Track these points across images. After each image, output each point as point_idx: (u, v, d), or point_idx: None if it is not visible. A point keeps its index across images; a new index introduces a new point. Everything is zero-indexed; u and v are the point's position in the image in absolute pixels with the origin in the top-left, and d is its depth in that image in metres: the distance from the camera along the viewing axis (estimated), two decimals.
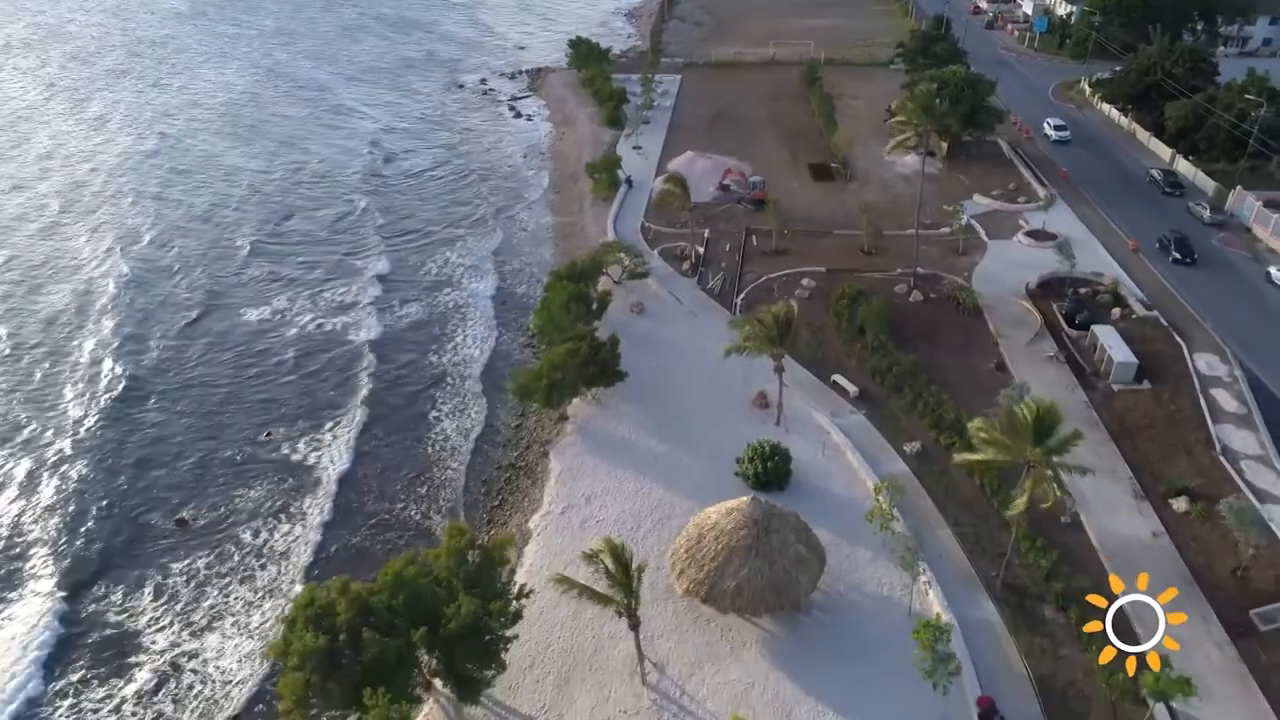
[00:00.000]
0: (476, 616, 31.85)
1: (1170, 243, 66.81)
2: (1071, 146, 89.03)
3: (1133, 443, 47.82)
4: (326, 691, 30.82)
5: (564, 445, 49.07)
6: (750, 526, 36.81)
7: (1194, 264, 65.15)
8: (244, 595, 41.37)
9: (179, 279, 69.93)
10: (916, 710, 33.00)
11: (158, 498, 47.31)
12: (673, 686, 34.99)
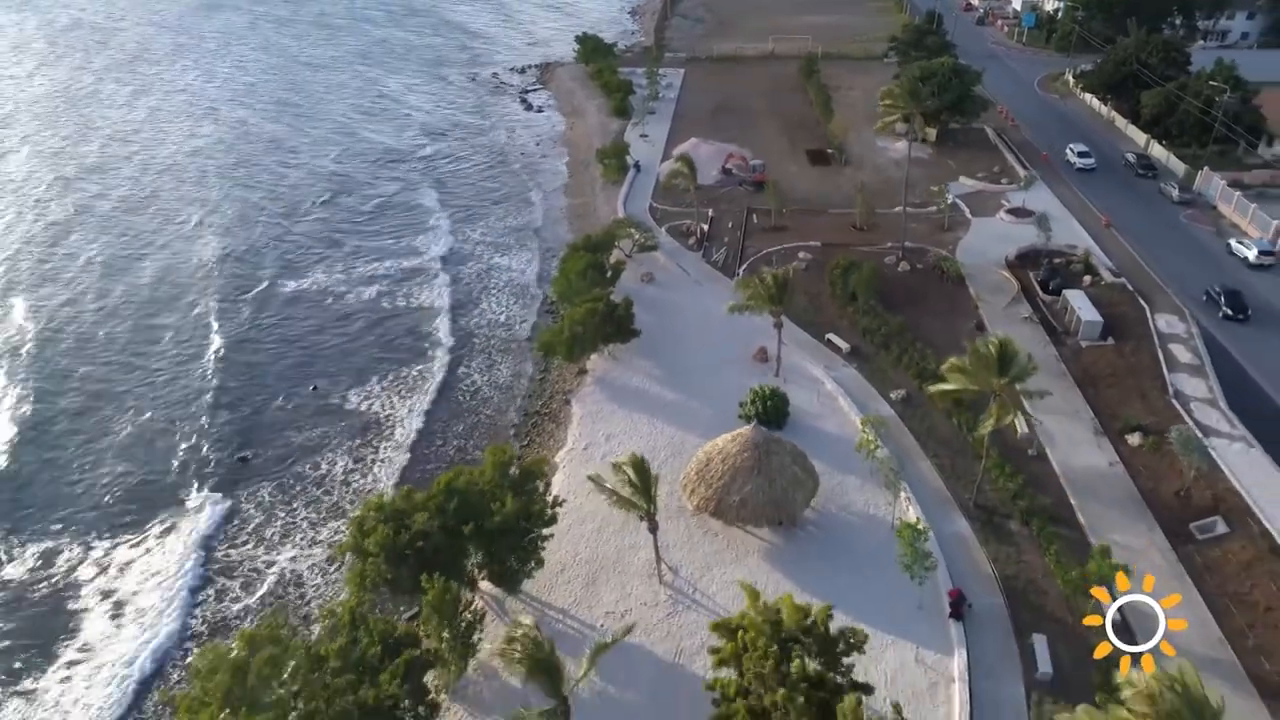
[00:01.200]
0: (518, 516, 37.29)
1: (1220, 296, 60.24)
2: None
3: (1095, 390, 53.20)
4: (392, 579, 36.23)
5: (584, 394, 54.52)
6: (752, 450, 42.22)
7: (1246, 321, 58.89)
8: (310, 516, 46.83)
9: (260, 245, 76.99)
10: (897, 599, 38.31)
11: (230, 436, 53.11)
12: (685, 585, 40.38)
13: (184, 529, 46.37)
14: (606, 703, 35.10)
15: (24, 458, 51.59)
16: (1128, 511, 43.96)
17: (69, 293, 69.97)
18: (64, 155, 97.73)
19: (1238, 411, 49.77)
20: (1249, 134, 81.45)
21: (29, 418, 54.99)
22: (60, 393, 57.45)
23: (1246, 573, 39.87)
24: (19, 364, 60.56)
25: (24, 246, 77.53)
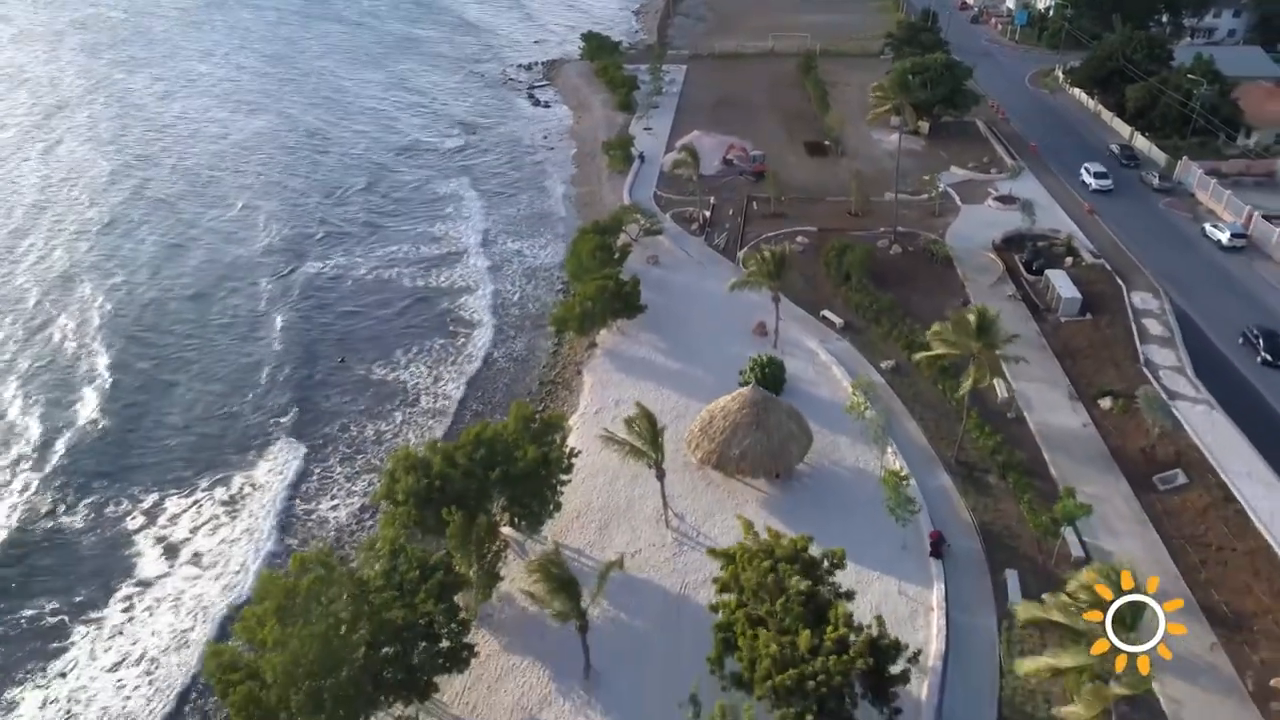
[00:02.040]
0: (539, 462, 41.08)
1: (1258, 339, 56.77)
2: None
3: (1073, 360, 56.98)
4: (421, 521, 39.98)
5: (594, 365, 58.36)
6: (751, 407, 46.04)
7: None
8: (345, 472, 50.97)
9: (301, 228, 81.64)
10: (883, 541, 42.04)
11: (274, 404, 57.27)
12: (689, 529, 44.19)
13: (239, 484, 50.42)
14: (619, 628, 38.90)
15: (101, 421, 55.73)
16: (1097, 466, 47.72)
17: (133, 272, 74.19)
18: (118, 145, 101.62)
19: (1203, 379, 53.54)
20: (1227, 125, 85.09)
21: (108, 386, 59.08)
22: (127, 365, 61.50)
23: (1202, 518, 43.65)
24: (94, 336, 64.54)
25: (88, 229, 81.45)
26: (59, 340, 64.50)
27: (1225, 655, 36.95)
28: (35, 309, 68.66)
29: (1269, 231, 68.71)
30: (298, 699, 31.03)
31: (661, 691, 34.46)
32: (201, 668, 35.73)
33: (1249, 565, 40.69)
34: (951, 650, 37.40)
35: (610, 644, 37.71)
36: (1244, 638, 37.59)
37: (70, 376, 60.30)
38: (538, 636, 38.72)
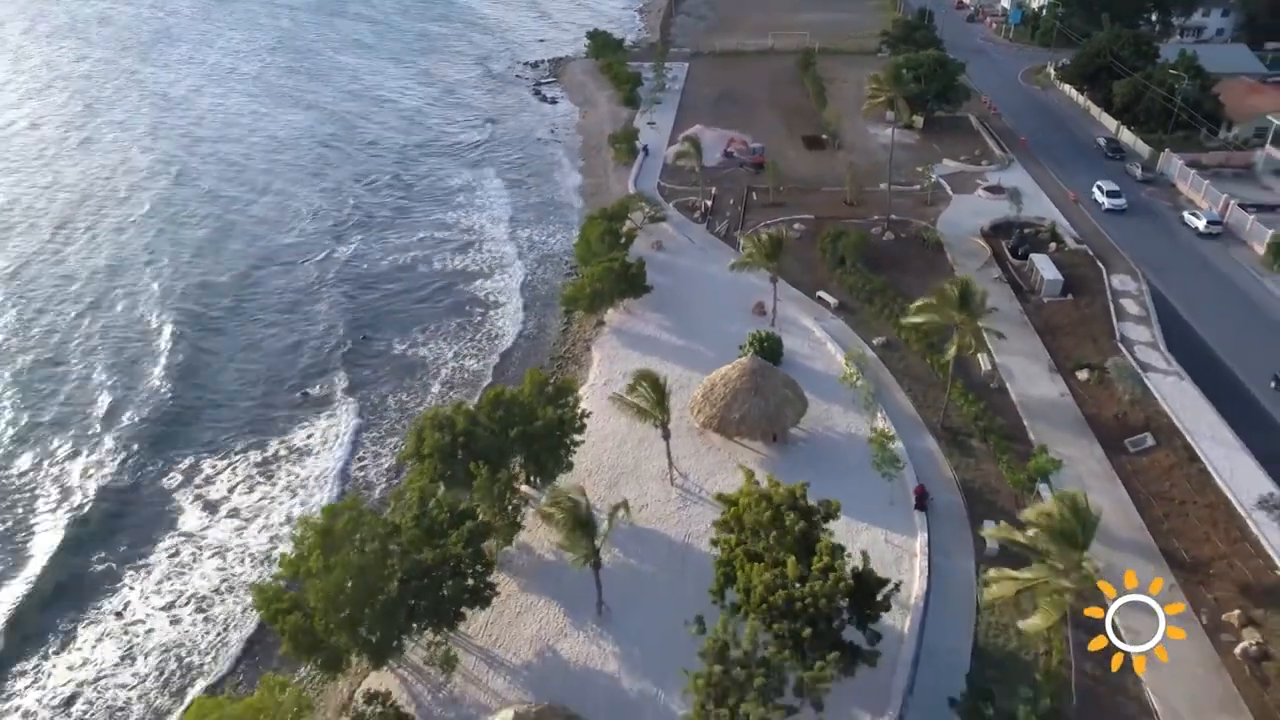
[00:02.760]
0: (553, 422, 44.57)
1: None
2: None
3: (1053, 337, 60.40)
4: (447, 475, 43.43)
5: (602, 341, 61.89)
6: (750, 375, 49.55)
7: None
8: (372, 434, 54.50)
9: (332, 212, 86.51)
10: (872, 497, 45.40)
11: (300, 376, 61.35)
12: (693, 486, 47.69)
13: (278, 448, 54.37)
14: (629, 572, 42.38)
15: (161, 389, 60.06)
16: (1073, 430, 51.19)
17: (197, 251, 79.22)
18: (157, 137, 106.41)
19: (1174, 353, 57.03)
20: (1208, 119, 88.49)
21: (164, 359, 63.31)
22: (183, 338, 65.77)
23: (1167, 475, 47.11)
24: (152, 314, 68.94)
25: (139, 215, 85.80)
26: (120, 318, 68.59)
27: (1183, 595, 40.37)
28: (94, 290, 72.56)
29: (1243, 219, 72.13)
30: (339, 624, 34.58)
31: (667, 624, 37.67)
32: (249, 604, 39.27)
33: (1208, 517, 44.14)
34: (932, 590, 40.88)
35: (620, 586, 41.17)
36: (1200, 579, 41.04)
37: (129, 351, 64.34)
38: (554, 580, 42.22)
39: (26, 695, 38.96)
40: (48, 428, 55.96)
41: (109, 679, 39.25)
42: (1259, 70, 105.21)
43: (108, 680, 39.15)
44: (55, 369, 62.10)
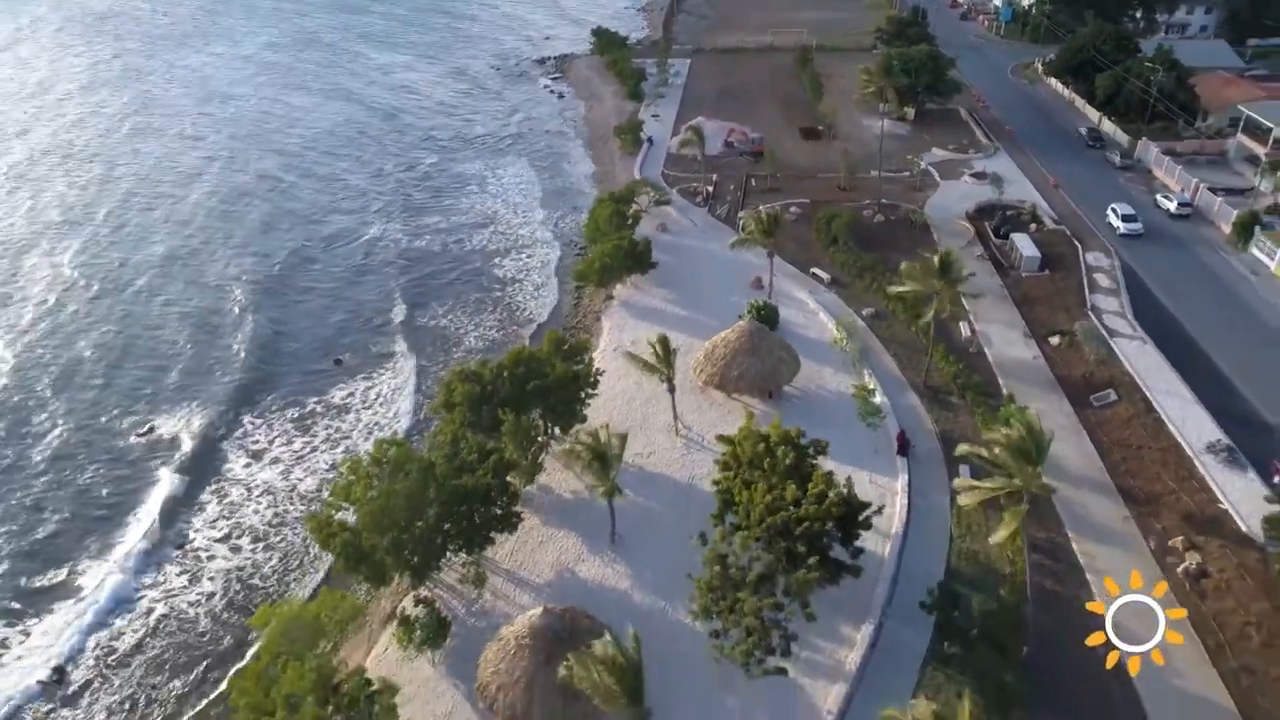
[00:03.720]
0: (569, 376, 49.30)
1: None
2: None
3: (1030, 307, 65.13)
4: (474, 422, 48.13)
5: (611, 312, 66.68)
6: (748, 336, 54.31)
7: None
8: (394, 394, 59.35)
9: (361, 197, 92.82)
10: (858, 445, 49.99)
11: (325, 344, 66.34)
12: (695, 437, 52.41)
13: (310, 401, 59.78)
14: (639, 509, 47.03)
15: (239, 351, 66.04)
16: (1043, 388, 55.94)
17: (260, 230, 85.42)
18: (212, 131, 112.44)
19: (1140, 320, 61.78)
20: (1185, 110, 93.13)
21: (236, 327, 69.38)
22: (257, 309, 71.76)
23: (1127, 425, 51.85)
24: (230, 289, 75.06)
25: (213, 201, 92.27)
26: (210, 292, 74.64)
27: (1135, 526, 45.12)
28: (171, 264, 79.07)
29: (1211, 201, 76.86)
30: (385, 543, 39.29)
31: (674, 551, 42.27)
32: (303, 535, 44.07)
33: (1160, 459, 48.88)
34: (911, 522, 45.62)
35: (631, 519, 45.91)
36: (1150, 511, 45.73)
37: (212, 319, 70.36)
38: (571, 516, 47.01)
39: (93, 617, 43.84)
40: (134, 381, 62.19)
41: (178, 597, 44.12)
42: (1236, 64, 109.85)
43: (178, 599, 44.00)
44: (144, 332, 68.36)
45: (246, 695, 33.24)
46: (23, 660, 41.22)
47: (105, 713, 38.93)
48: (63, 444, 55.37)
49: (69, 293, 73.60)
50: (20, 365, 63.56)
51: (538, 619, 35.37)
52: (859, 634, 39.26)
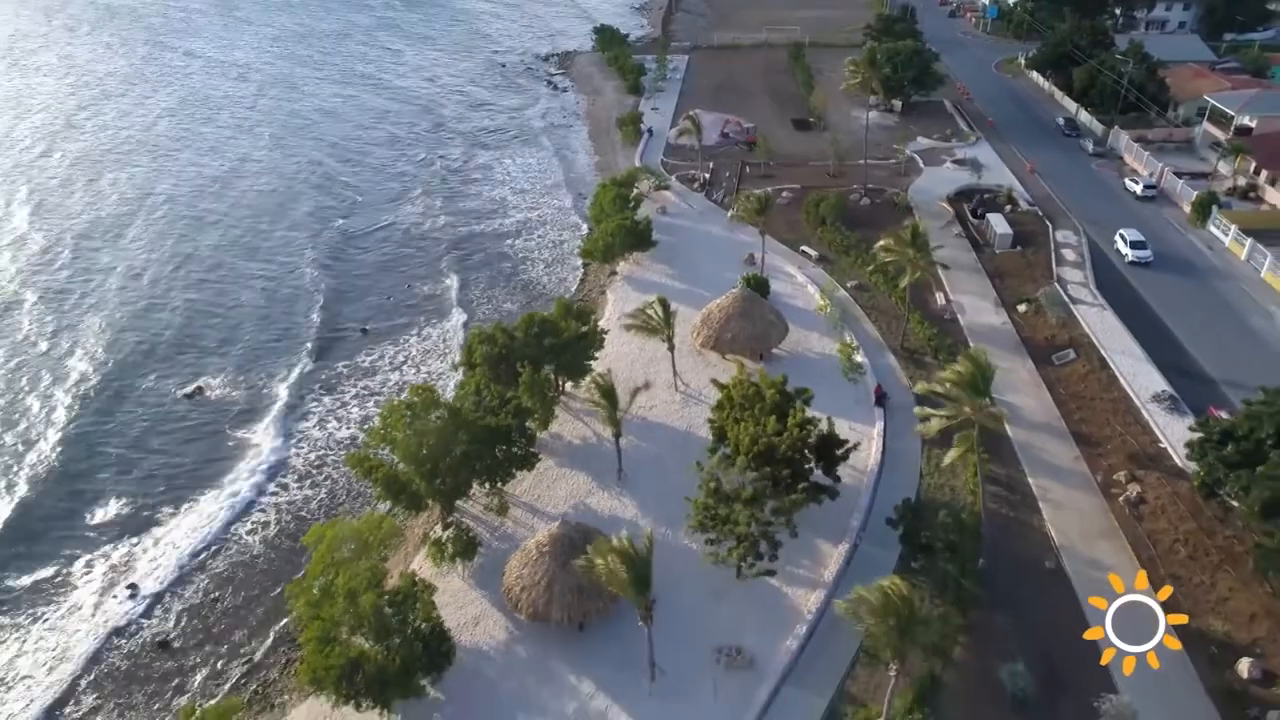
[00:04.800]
0: (578, 336, 54.77)
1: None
2: (1034, 135, 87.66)
3: (1001, 280, 70.58)
4: (494, 377, 53.58)
5: (615, 286, 72.18)
6: (741, 302, 59.81)
7: None
8: (414, 359, 64.86)
9: (388, 183, 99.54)
10: (841, 398, 55.28)
11: (353, 314, 71.92)
12: (693, 393, 57.84)
13: (340, 363, 65.64)
14: (642, 451, 52.47)
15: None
16: (1010, 349, 61.37)
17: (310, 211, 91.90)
18: (260, 117, 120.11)
19: (1102, 290, 67.28)
20: (1156, 101, 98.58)
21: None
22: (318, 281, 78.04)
23: (1082, 380, 57.34)
24: (298, 258, 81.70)
25: (275, 182, 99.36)
26: (283, 258, 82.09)
27: (1085, 464, 50.57)
28: (251, 238, 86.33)
29: (1175, 183, 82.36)
30: (420, 475, 44.73)
31: (674, 485, 47.45)
32: (345, 471, 49.61)
33: (1110, 408, 54.35)
34: (885, 462, 51.10)
35: (636, 460, 51.39)
36: (1099, 452, 51.20)
37: (287, 287, 77.08)
38: (582, 458, 52.47)
39: (164, 544, 49.41)
40: (187, 345, 68.38)
41: (233, 528, 49.83)
42: (1208, 58, 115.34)
43: (234, 529, 49.70)
44: (203, 301, 74.93)
45: (305, 594, 38.65)
46: (104, 579, 46.84)
47: (175, 619, 44.45)
48: (134, 399, 61.43)
49: (145, 266, 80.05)
50: (108, 329, 70.08)
51: (557, 528, 40.91)
52: (836, 551, 44.75)
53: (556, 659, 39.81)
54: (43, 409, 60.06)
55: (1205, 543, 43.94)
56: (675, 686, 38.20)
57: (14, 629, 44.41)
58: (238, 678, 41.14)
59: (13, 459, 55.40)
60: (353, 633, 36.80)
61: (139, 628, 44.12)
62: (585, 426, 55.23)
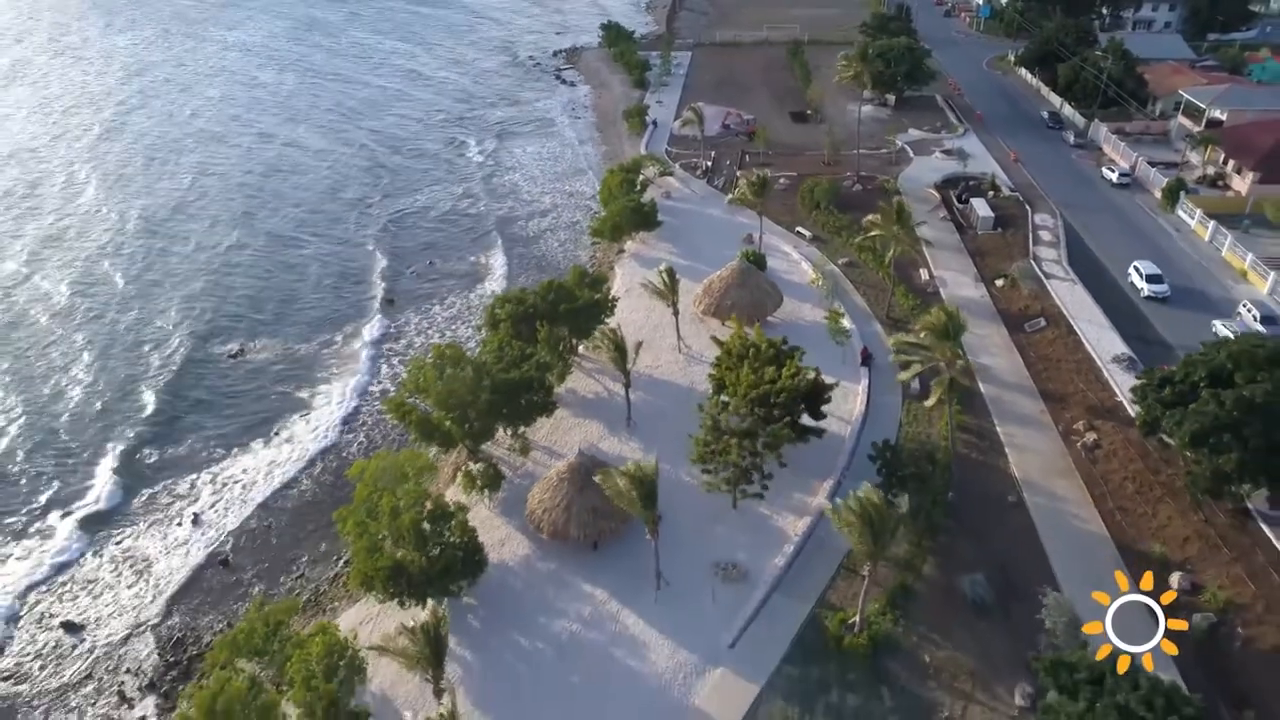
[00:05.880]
0: (590, 301, 60.18)
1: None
2: (1020, 129, 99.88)
3: (982, 258, 76.02)
4: (517, 336, 58.98)
5: (623, 262, 77.66)
6: (739, 273, 65.26)
7: None
8: (439, 326, 70.34)
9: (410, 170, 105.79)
10: (830, 360, 60.24)
11: (380, 285, 77.51)
12: (695, 354, 63.25)
13: (365, 329, 71.44)
14: (649, 404, 57.87)
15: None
16: (987, 318, 66.79)
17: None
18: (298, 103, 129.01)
19: (1073, 266, 72.71)
20: (1135, 96, 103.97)
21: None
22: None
23: (1051, 345, 62.75)
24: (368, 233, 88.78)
25: (315, 160, 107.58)
26: (349, 232, 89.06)
27: (1048, 415, 55.96)
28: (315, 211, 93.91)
29: (1148, 172, 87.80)
30: (450, 418, 50.14)
31: (678, 431, 52.58)
32: (377, 420, 55.05)
33: (1074, 368, 59.72)
34: (869, 414, 56.49)
35: (643, 411, 56.85)
36: (1062, 405, 56.54)
37: (343, 260, 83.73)
38: (594, 410, 57.91)
39: (225, 475, 55.12)
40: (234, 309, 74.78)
41: (280, 467, 55.35)
42: (1188, 56, 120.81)
43: (286, 465, 55.30)
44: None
45: (353, 515, 44.01)
46: (168, 509, 52.56)
47: (233, 542, 50.03)
48: (192, 359, 67.65)
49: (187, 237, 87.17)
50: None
51: (575, 459, 46.38)
52: (823, 485, 50.14)
53: (573, 572, 45.24)
54: (128, 365, 66.87)
55: (1150, 480, 49.34)
56: (678, 594, 43.61)
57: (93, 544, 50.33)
58: (291, 588, 46.57)
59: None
60: (396, 545, 42.19)
61: (201, 549, 49.63)
62: (597, 383, 60.69)
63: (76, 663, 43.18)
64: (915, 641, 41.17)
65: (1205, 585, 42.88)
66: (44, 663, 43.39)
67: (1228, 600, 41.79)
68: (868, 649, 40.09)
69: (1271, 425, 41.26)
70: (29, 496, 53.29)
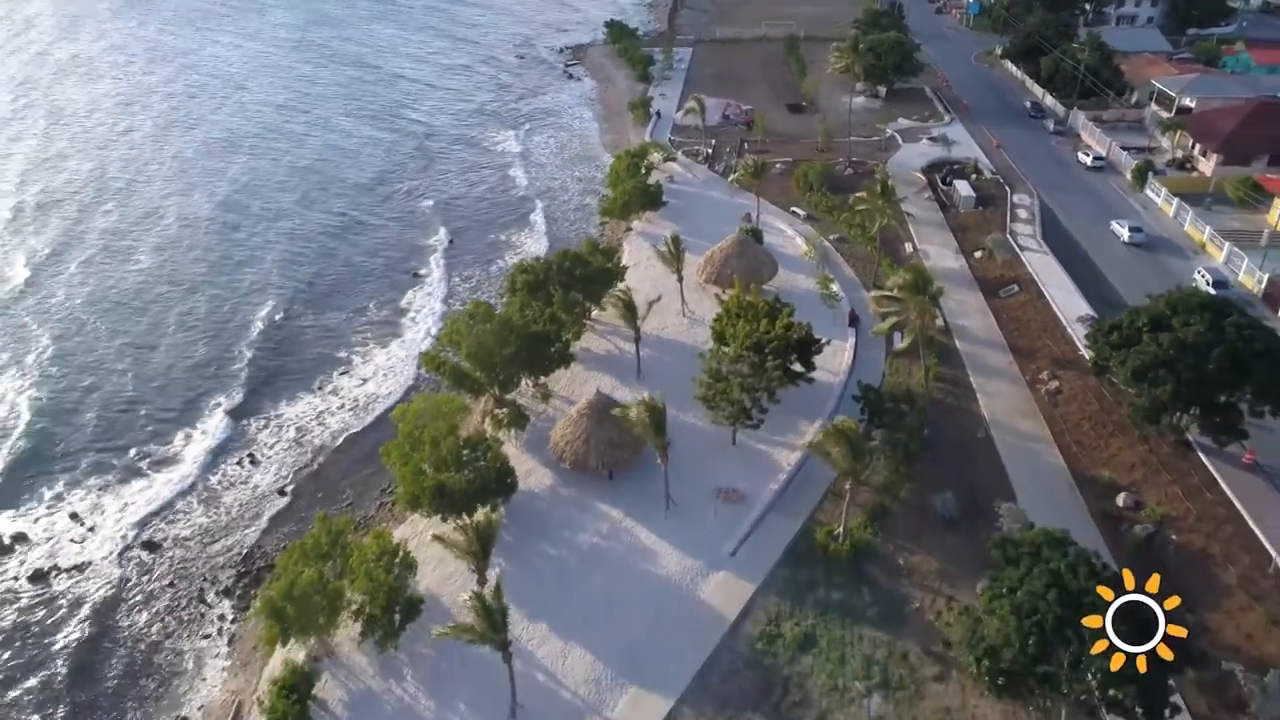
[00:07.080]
0: (603, 269, 66.31)
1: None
2: (1005, 117, 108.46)
3: (963, 233, 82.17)
4: (533, 302, 65.11)
5: (630, 238, 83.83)
6: (738, 245, 71.44)
7: None
8: (472, 286, 76.72)
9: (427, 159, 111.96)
10: (820, 319, 66.20)
11: (403, 257, 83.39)
12: (698, 317, 69.27)
13: (409, 294, 77.52)
14: (657, 360, 63.93)
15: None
16: (964, 285, 72.91)
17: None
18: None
19: (1047, 240, 78.88)
20: (1111, 86, 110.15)
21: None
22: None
23: (1022, 308, 68.91)
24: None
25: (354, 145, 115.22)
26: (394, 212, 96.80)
27: (1016, 367, 62.10)
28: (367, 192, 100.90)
29: (1120, 155, 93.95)
30: (482, 366, 56.24)
31: (683, 381, 58.69)
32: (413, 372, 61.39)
33: (1042, 327, 65.87)
34: (855, 368, 62.60)
35: (651, 365, 62.95)
36: (1029, 359, 62.67)
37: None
38: (606, 364, 64.04)
39: (278, 423, 61.38)
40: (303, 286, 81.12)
41: (326, 415, 61.67)
42: (1165, 49, 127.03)
43: (327, 414, 61.55)
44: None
45: (397, 448, 50.06)
46: (223, 448, 59.03)
47: (288, 469, 56.68)
48: (239, 319, 74.62)
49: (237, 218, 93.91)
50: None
51: (594, 398, 52.53)
52: (813, 426, 56.18)
53: (592, 497, 51.38)
54: (199, 330, 73.65)
55: (1104, 419, 55.49)
56: (685, 513, 49.73)
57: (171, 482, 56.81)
58: (343, 512, 52.74)
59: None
60: (437, 471, 48.29)
61: (264, 482, 55.96)
62: (609, 342, 66.84)
63: (159, 571, 49.37)
64: (891, 549, 47.30)
65: (1146, 503, 48.98)
66: (128, 573, 49.56)
67: (1164, 514, 47.90)
68: (850, 555, 46.20)
69: (1201, 360, 47.34)
70: (122, 443, 59.78)
